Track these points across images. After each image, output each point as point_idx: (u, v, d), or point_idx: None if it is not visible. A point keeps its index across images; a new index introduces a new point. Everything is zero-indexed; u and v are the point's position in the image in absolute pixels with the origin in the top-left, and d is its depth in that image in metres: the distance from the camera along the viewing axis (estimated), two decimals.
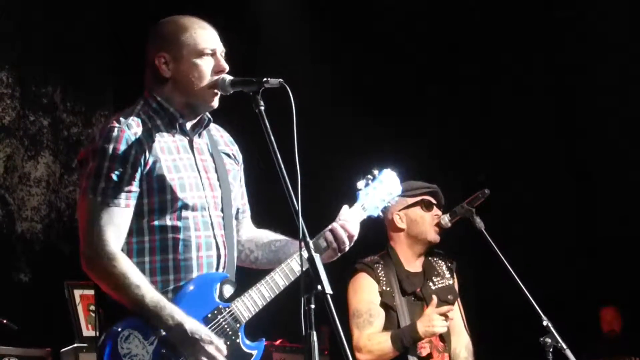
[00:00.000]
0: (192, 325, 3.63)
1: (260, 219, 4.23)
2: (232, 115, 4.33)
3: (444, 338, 5.06)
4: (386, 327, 4.95)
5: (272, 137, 3.63)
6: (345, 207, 3.91)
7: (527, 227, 8.89)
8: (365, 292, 4.97)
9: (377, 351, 4.86)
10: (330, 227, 3.85)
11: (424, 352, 4.97)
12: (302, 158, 3.53)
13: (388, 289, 4.96)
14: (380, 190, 3.94)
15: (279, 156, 3.59)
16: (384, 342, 4.85)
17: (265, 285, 3.84)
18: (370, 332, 4.88)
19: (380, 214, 3.94)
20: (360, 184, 3.95)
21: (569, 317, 5.96)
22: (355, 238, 3.86)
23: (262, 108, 3.70)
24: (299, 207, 3.49)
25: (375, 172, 4.02)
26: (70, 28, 8.92)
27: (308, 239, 3.50)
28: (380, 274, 4.99)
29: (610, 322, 9.24)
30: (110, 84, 9.21)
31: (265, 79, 3.73)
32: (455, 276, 5.18)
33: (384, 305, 4.96)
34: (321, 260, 3.47)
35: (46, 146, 8.71)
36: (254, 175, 4.38)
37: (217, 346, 3.63)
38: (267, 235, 4.07)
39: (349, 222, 3.83)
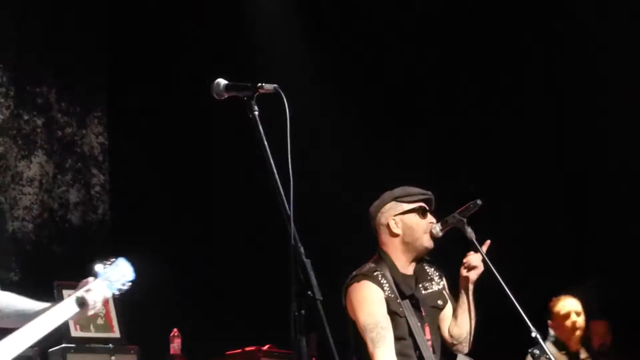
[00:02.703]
0: None
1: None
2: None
3: (435, 345, 5.05)
4: (396, 334, 4.90)
5: (266, 143, 3.63)
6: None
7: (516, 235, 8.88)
8: (372, 303, 4.92)
9: None
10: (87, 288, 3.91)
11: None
12: (299, 166, 3.55)
13: (392, 295, 4.94)
14: (117, 273, 4.04)
15: (272, 162, 3.60)
16: None
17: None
18: (386, 350, 4.86)
19: (116, 292, 4.02)
20: (99, 267, 4.01)
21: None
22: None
23: (256, 113, 3.70)
24: (291, 212, 3.48)
25: (112, 259, 4.10)
26: (65, 28, 8.93)
27: (299, 244, 3.49)
28: (382, 281, 4.96)
29: (601, 336, 9.17)
30: (105, 84, 9.21)
31: (259, 84, 3.73)
32: (444, 280, 5.18)
33: (390, 312, 4.91)
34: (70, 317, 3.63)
35: (40, 146, 8.72)
36: None
37: None
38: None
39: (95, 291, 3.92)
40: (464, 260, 5.01)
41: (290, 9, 9.23)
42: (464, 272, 5.01)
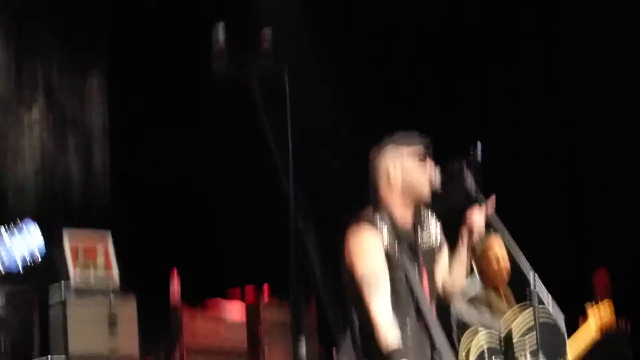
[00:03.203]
0: None
1: None
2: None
3: (432, 292, 4.94)
4: (393, 282, 4.81)
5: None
6: None
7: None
8: (369, 251, 4.82)
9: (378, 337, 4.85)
10: None
11: None
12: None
13: (390, 242, 4.84)
14: (20, 242, 3.94)
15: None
16: (382, 340, 4.82)
17: None
18: (382, 300, 4.86)
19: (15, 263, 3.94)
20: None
21: (557, 280, 6.03)
22: None
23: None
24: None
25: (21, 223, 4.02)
26: (67, 4, 8.96)
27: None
28: (380, 225, 4.85)
29: (602, 286, 9.24)
30: (105, 63, 9.19)
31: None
32: (440, 224, 5.08)
33: (388, 259, 4.82)
34: None
35: (39, 121, 8.72)
36: None
37: None
38: None
39: None
40: (467, 217, 4.97)
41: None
42: (465, 229, 4.97)
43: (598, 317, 6.60)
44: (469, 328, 5.25)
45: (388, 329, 4.68)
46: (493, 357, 4.97)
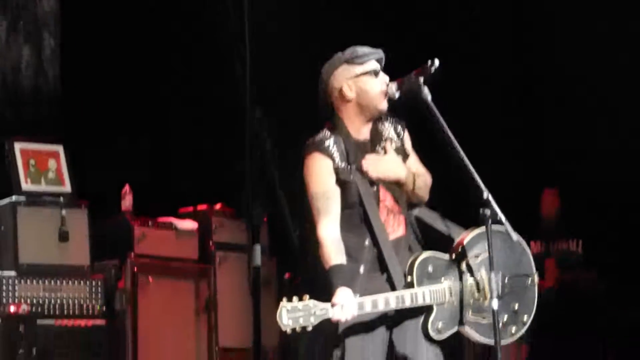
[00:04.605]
0: None
1: None
2: None
3: (399, 200, 5.07)
4: (345, 203, 4.95)
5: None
6: None
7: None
8: (320, 174, 4.96)
9: (321, 255, 4.91)
10: None
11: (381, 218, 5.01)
12: None
13: (342, 163, 4.96)
14: None
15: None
16: (325, 258, 4.87)
17: None
18: (328, 219, 4.91)
19: None
20: None
21: (509, 199, 6.13)
22: None
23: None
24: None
25: None
26: None
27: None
28: (332, 150, 4.97)
29: (550, 205, 9.37)
30: None
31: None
32: (405, 133, 5.18)
33: (340, 181, 4.95)
34: None
35: None
36: None
37: None
38: None
39: None
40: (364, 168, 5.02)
41: None
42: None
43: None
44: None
45: (330, 247, 4.84)
46: (445, 269, 4.98)
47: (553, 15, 9.07)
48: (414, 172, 5.09)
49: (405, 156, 5.13)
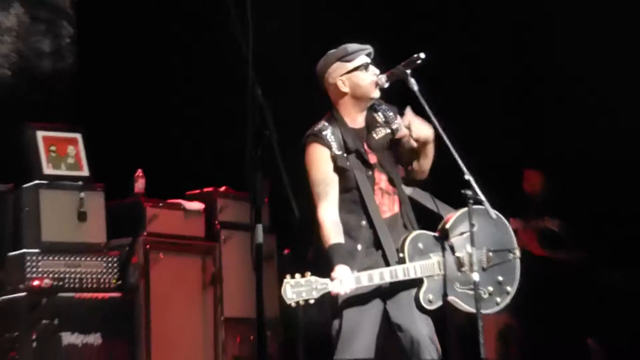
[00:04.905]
0: None
1: None
2: None
3: (394, 181, 5.38)
4: (343, 187, 5.27)
5: None
6: None
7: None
8: (319, 162, 5.25)
9: (321, 235, 5.22)
10: None
11: (376, 200, 5.31)
12: None
13: (339, 152, 5.27)
14: None
15: None
16: (325, 238, 5.18)
17: None
18: (327, 204, 5.23)
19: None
20: None
21: (493, 178, 5.95)
22: None
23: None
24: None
25: None
26: None
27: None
28: (329, 140, 5.27)
29: (533, 184, 9.24)
30: None
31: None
32: (398, 118, 5.42)
33: (338, 168, 5.26)
34: None
35: None
36: None
37: None
38: None
39: None
40: (405, 124, 5.31)
41: None
42: (411, 139, 5.33)
43: None
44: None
45: (329, 228, 5.16)
46: (434, 245, 5.27)
47: (553, 15, 8.89)
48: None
49: (396, 140, 5.45)
